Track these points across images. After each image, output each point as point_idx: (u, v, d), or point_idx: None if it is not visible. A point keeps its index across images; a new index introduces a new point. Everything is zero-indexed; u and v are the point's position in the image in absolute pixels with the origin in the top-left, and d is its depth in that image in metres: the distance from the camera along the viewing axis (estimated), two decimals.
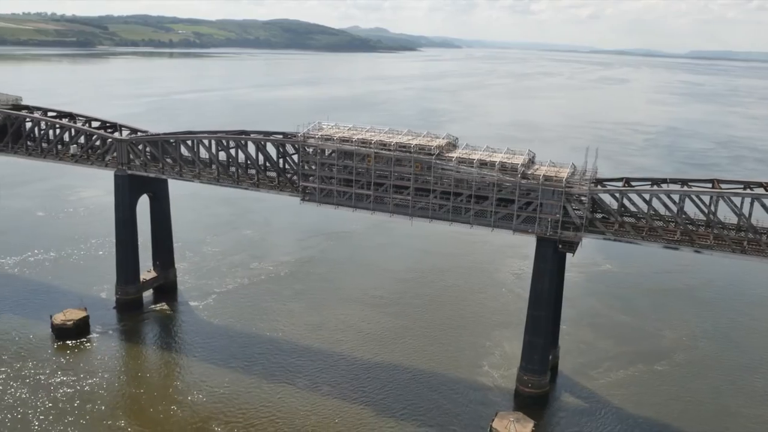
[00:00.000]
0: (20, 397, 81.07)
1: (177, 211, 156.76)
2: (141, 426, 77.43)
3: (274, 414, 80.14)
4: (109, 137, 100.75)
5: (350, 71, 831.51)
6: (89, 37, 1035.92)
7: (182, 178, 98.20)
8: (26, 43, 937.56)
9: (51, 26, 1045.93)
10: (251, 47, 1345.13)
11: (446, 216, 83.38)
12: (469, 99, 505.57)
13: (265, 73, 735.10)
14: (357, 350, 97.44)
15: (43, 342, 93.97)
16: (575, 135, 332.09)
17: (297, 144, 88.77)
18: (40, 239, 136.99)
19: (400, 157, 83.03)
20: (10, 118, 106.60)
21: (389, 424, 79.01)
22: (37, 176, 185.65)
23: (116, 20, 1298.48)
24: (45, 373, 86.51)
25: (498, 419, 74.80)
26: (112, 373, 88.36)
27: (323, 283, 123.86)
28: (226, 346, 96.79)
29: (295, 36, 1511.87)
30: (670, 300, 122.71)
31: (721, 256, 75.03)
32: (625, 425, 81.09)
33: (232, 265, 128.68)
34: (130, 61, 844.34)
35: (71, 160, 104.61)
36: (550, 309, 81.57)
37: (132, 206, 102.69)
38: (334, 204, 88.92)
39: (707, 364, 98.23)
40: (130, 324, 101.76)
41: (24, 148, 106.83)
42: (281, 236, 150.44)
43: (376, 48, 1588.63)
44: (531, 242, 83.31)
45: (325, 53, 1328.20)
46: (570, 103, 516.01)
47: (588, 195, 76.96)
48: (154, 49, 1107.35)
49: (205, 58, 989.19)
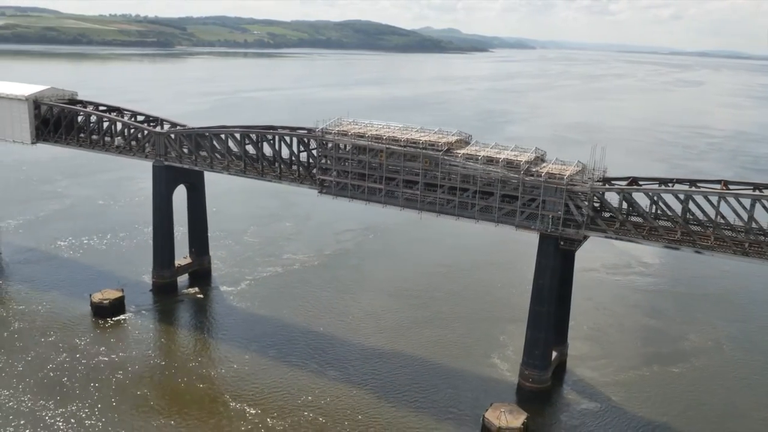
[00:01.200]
0: (60, 363, 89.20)
1: (225, 203, 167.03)
2: (162, 395, 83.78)
3: (285, 391, 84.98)
4: (149, 130, 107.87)
5: (417, 72, 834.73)
6: (168, 38, 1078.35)
7: (213, 169, 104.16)
8: (110, 43, 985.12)
9: (134, 27, 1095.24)
10: (323, 48, 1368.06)
11: (453, 211, 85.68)
12: (533, 100, 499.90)
13: (332, 73, 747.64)
14: (373, 337, 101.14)
15: (83, 318, 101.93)
16: (634, 138, 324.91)
17: (315, 139, 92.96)
18: (94, 225, 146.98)
19: (410, 152, 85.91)
20: (64, 111, 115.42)
21: (389, 407, 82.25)
22: (102, 168, 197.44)
23: (195, 21, 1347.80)
24: (82, 344, 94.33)
25: (491, 410, 76.66)
26: (141, 347, 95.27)
27: (353, 274, 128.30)
28: (250, 328, 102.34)
29: (366, 37, 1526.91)
30: (700, 304, 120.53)
31: (722, 257, 74.34)
32: (623, 426, 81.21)
33: (267, 255, 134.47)
34: (205, 60, 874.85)
35: (115, 151, 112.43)
36: (552, 305, 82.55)
37: (168, 195, 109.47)
38: (348, 197, 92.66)
39: (727, 368, 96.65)
40: (163, 305, 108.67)
41: (75, 140, 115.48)
42: (319, 229, 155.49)
43: (446, 49, 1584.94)
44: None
45: (395, 54, 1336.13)
46: (637, 105, 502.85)
47: (589, 193, 77.64)
48: (229, 49, 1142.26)
49: (277, 58, 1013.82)
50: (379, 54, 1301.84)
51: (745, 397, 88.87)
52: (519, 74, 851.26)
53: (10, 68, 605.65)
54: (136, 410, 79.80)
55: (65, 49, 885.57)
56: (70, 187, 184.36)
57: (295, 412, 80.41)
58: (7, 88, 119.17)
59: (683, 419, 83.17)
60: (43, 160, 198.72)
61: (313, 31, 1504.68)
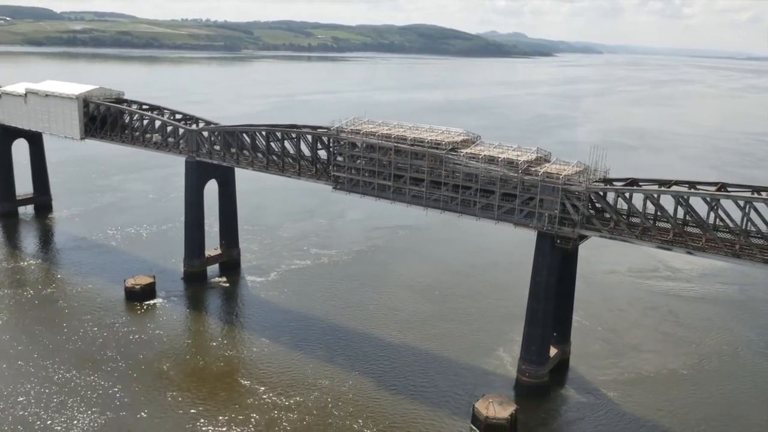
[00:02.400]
0: (94, 339, 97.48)
1: (267, 199, 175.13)
2: (181, 370, 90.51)
3: (294, 372, 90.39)
4: (183, 128, 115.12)
5: (477, 76, 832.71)
6: (235, 42, 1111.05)
7: (239, 165, 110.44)
8: (181, 46, 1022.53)
9: (203, 31, 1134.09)
10: (386, 52, 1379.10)
11: (456, 208, 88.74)
12: (590, 105, 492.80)
13: (391, 77, 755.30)
14: (385, 328, 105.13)
15: (117, 301, 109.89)
16: (691, 144, 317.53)
17: (331, 137, 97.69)
18: (139, 217, 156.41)
19: (416, 151, 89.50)
20: (109, 110, 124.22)
21: (389, 391, 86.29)
22: (156, 164, 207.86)
23: (262, 26, 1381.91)
24: (115, 323, 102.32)
25: (482, 400, 79.27)
26: (167, 328, 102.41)
27: (377, 269, 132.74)
28: (271, 316, 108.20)
29: (429, 41, 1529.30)
30: (722, 310, 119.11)
31: (713, 258, 74.89)
32: (616, 423, 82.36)
33: (297, 249, 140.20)
34: (269, 64, 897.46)
35: (153, 147, 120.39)
36: (549, 302, 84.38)
37: (199, 189, 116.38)
38: (360, 193, 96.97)
39: (739, 372, 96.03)
40: (192, 292, 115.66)
41: (119, 136, 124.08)
42: (352, 226, 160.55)
43: (510, 53, 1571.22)
44: (590, 245, 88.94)
45: (458, 58, 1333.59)
46: (699, 111, 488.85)
47: (585, 192, 79.38)
48: (293, 53, 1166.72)
49: (340, 62, 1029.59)
50: (441, 58, 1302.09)
51: (754, 403, 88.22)
52: (580, 79, 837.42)
53: (87, 70, 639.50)
54: (157, 382, 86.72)
55: (138, 53, 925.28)
56: (125, 182, 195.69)
57: (301, 392, 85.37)
58: (60, 88, 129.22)
59: (678, 421, 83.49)
60: (102, 157, 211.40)
61: (377, 35, 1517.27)
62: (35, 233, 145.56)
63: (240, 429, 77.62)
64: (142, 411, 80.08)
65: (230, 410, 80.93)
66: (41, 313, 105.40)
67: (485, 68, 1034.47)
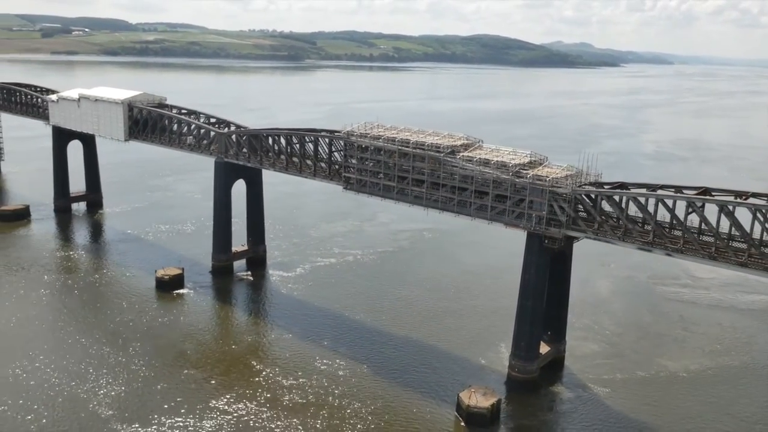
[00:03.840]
0: (125, 321, 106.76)
1: (305, 201, 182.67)
2: (199, 350, 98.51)
3: (301, 357, 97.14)
4: (213, 130, 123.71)
5: (535, 86, 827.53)
6: (299, 52, 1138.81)
7: (261, 166, 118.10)
8: (246, 56, 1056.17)
9: (267, 42, 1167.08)
10: (447, 62, 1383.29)
11: (453, 208, 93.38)
12: (646, 116, 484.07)
13: (448, 86, 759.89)
14: (396, 322, 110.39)
15: (148, 289, 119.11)
16: (744, 156, 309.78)
17: (342, 140, 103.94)
18: (182, 214, 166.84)
19: (418, 153, 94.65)
20: (150, 113, 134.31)
21: (384, 378, 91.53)
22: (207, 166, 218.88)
23: (326, 36, 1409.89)
24: (145, 309, 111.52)
25: (466, 390, 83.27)
26: (190, 314, 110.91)
27: (399, 267, 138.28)
28: (288, 308, 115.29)
29: (492, 51, 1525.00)
30: (735, 317, 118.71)
31: (691, 260, 77.02)
32: (599, 420, 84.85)
33: (323, 248, 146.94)
34: (329, 73, 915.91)
35: (188, 149, 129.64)
36: (537, 300, 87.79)
37: (227, 188, 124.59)
38: (367, 193, 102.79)
39: (738, 375, 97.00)
40: (217, 284, 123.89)
41: (158, 138, 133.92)
42: (380, 228, 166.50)
43: (574, 64, 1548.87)
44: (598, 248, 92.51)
45: (520, 68, 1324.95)
46: (761, 123, 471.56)
47: (571, 195, 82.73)
48: (354, 62, 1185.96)
49: (400, 72, 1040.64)
50: (503, 68, 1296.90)
51: (752, 409, 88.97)
52: (643, 90, 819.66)
53: (157, 78, 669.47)
54: (177, 360, 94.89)
55: (205, 62, 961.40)
56: (175, 183, 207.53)
57: (304, 374, 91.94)
58: (107, 93, 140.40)
59: (663, 422, 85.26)
60: (156, 158, 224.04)
61: (439, 45, 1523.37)
62: (85, 227, 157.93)
63: (246, 403, 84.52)
64: (160, 384, 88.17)
65: (239, 387, 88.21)
66: (84, 296, 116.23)
67: (545, 79, 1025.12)
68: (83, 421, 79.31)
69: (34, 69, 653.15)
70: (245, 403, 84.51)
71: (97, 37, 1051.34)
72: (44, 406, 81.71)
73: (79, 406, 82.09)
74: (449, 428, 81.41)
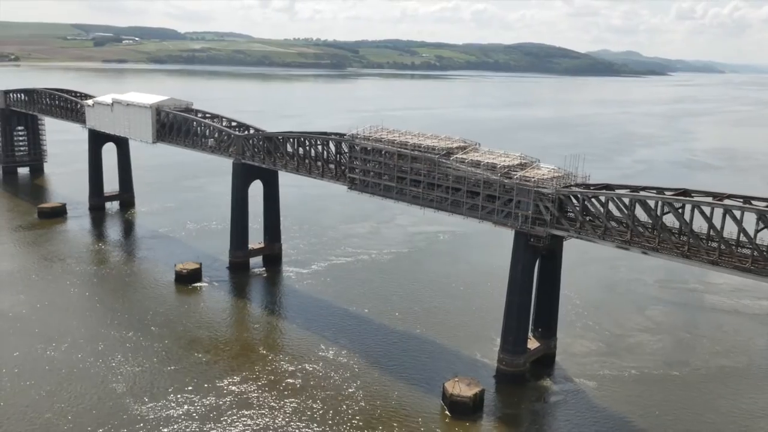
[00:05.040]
0: (147, 309, 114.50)
1: (327, 203, 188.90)
2: (210, 336, 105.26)
3: (303, 346, 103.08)
4: (232, 133, 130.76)
5: (575, 95, 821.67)
6: (341, 60, 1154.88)
7: (275, 167, 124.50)
8: (290, 64, 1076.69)
9: (311, 50, 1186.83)
10: (490, 70, 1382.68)
11: (447, 207, 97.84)
12: (685, 125, 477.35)
13: (486, 94, 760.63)
14: (399, 317, 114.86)
15: (168, 282, 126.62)
16: None
17: (347, 143, 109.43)
18: (208, 214, 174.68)
19: (415, 155, 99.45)
20: (176, 117, 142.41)
21: (379, 367, 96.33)
22: None
23: (369, 45, 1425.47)
24: (164, 299, 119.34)
25: (452, 381, 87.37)
26: (205, 305, 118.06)
27: (411, 267, 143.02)
28: (297, 301, 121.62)
29: (535, 59, 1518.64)
30: (736, 321, 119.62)
31: (665, 258, 79.78)
32: (580, 415, 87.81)
33: (340, 248, 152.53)
34: (370, 81, 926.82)
35: (209, 151, 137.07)
36: (524, 296, 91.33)
37: (244, 188, 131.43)
38: (369, 193, 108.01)
39: (730, 375, 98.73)
40: (233, 278, 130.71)
41: (183, 140, 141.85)
42: (398, 229, 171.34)
43: (620, 72, 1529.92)
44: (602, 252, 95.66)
45: (563, 77, 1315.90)
46: None
47: (555, 195, 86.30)
48: (396, 71, 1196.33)
49: (441, 80, 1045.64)
50: (545, 77, 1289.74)
51: (741, 409, 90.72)
52: (687, 99, 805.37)
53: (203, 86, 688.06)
54: (190, 345, 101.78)
55: (249, 70, 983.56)
56: (206, 184, 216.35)
57: (306, 361, 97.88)
58: (138, 98, 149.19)
59: (647, 420, 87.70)
60: (189, 161, 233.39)
61: (482, 53, 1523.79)
62: (116, 224, 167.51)
63: (249, 384, 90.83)
64: (172, 365, 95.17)
65: (244, 370, 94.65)
66: (111, 285, 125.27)
67: (588, 87, 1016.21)
68: (101, 394, 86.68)
69: (85, 76, 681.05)
70: (249, 384, 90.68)
71: (146, 45, 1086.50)
72: (67, 381, 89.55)
73: (98, 382, 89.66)
74: (435, 415, 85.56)
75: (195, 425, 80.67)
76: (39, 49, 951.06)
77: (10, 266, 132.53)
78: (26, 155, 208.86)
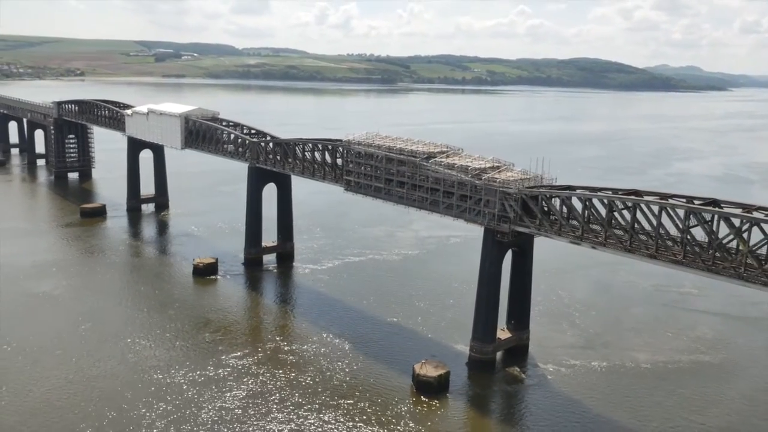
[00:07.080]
0: (166, 296, 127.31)
1: (349, 207, 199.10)
2: (219, 320, 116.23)
3: (300, 333, 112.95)
4: (248, 140, 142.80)
5: (625, 110, 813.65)
6: (392, 75, 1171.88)
7: (284, 170, 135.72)
8: (341, 79, 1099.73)
9: (362, 65, 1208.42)
10: (542, 85, 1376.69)
11: (427, 206, 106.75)
12: (729, 140, 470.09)
13: (535, 110, 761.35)
14: (395, 310, 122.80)
15: (186, 275, 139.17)
16: None
17: (344, 147, 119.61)
18: (235, 216, 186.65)
19: (400, 159, 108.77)
20: (201, 125, 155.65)
21: (360, 352, 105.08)
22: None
23: (421, 60, 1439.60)
24: (181, 289, 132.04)
25: (421, 363, 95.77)
26: (219, 295, 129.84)
27: (417, 267, 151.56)
28: (302, 295, 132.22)
29: (589, 74, 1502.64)
30: (715, 321, 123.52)
31: (611, 252, 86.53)
32: (540, 403, 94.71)
33: (352, 248, 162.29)
34: (420, 96, 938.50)
35: (228, 156, 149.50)
36: (492, 288, 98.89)
37: (258, 190, 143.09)
38: (363, 193, 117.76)
39: (704, 369, 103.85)
40: (247, 273, 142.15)
41: (207, 146, 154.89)
42: (412, 232, 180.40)
43: (677, 87, 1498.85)
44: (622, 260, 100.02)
45: (618, 92, 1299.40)
46: None
47: (517, 194, 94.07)
48: (447, 86, 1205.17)
49: (491, 95, 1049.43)
50: (599, 92, 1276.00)
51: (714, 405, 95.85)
52: (741, 114, 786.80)
53: (255, 100, 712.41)
54: (200, 327, 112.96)
55: (301, 85, 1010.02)
56: (239, 190, 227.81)
57: (302, 342, 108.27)
58: (168, 108, 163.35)
59: (615, 413, 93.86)
60: (224, 168, 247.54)
61: (534, 68, 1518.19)
62: (150, 224, 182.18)
63: (248, 359, 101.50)
64: (179, 342, 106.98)
65: (244, 348, 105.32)
66: (139, 275, 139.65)
67: (641, 102, 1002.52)
68: (115, 365, 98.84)
69: (145, 90, 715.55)
70: (247, 359, 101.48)
71: (204, 61, 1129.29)
72: (91, 353, 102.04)
73: (116, 354, 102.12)
74: (404, 393, 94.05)
75: (197, 389, 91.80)
76: (103, 65, 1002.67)
77: (54, 257, 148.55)
78: (76, 161, 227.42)
